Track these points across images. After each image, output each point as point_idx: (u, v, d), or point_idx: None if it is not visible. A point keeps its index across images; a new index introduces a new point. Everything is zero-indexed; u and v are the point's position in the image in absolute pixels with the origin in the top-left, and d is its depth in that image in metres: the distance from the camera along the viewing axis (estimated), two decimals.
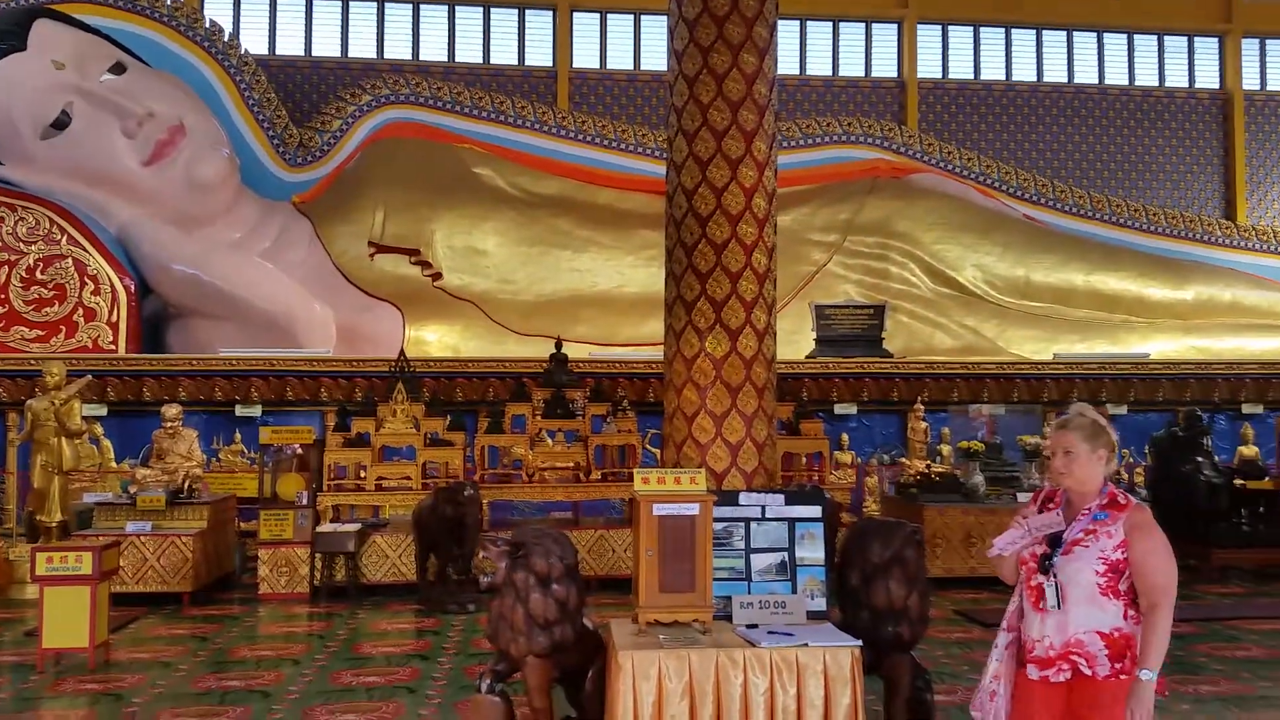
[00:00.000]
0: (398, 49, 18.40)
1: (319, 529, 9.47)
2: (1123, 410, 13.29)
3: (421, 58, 18.42)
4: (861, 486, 12.27)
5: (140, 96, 14.73)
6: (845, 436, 13.08)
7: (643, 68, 18.92)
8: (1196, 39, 20.53)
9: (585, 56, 18.99)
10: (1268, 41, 20.69)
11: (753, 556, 4.55)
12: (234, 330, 14.23)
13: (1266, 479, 11.08)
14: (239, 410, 12.59)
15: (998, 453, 11.27)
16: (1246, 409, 13.35)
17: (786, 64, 19.50)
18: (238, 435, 12.61)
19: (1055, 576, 3.20)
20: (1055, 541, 3.23)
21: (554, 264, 15.87)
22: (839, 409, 13.26)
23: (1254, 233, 18.85)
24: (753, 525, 4.56)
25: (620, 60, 19.13)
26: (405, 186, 16.01)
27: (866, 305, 14.80)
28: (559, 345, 11.48)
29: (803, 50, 19.62)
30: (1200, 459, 10.89)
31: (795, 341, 14.52)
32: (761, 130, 4.74)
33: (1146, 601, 3.16)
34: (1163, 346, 15.20)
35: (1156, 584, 3.16)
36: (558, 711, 4.60)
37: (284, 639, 7.87)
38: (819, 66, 19.71)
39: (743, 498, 4.58)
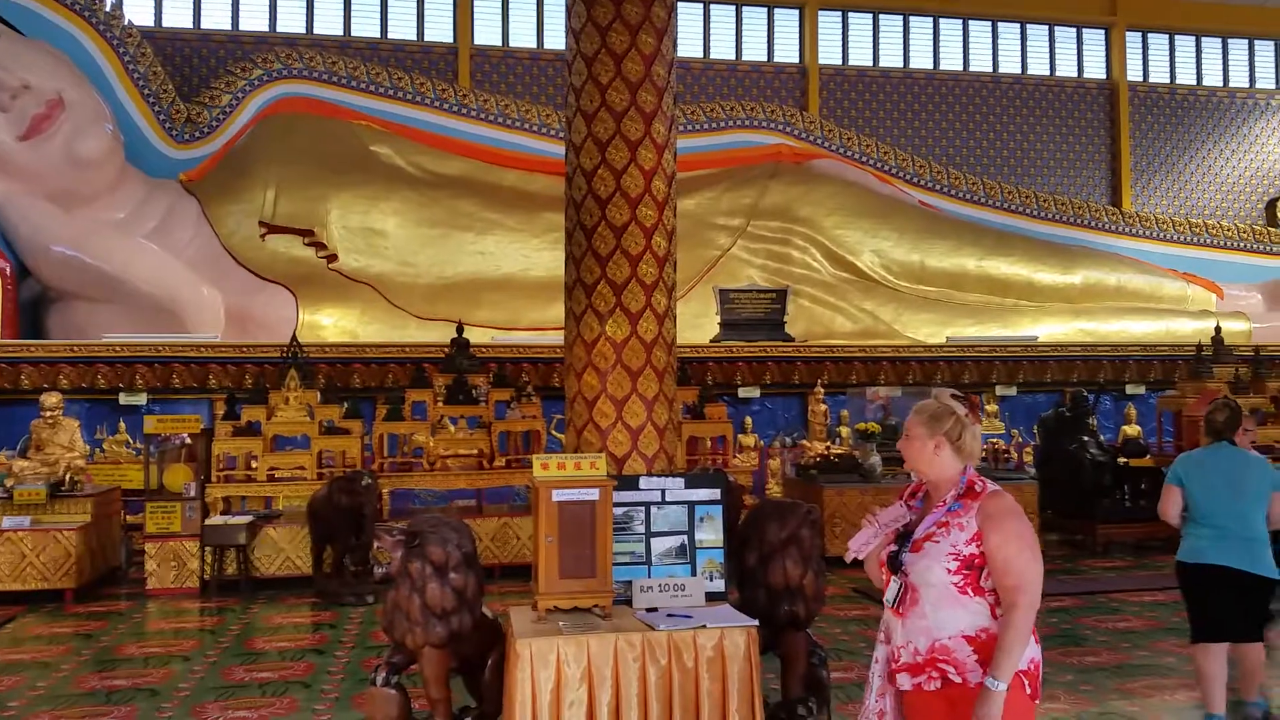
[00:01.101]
0: (291, 22, 17.78)
1: (208, 521, 9.15)
2: (1012, 391, 13.76)
3: (316, 31, 17.85)
4: (764, 469, 12.42)
5: (14, 68, 13.95)
6: (749, 420, 13.23)
7: (546, 46, 18.71)
8: (1084, 30, 21.29)
9: (487, 33, 18.69)
10: (1150, 35, 21.58)
11: (653, 540, 4.53)
12: (117, 314, 13.62)
13: (1148, 456, 11.60)
14: (123, 398, 12.08)
15: (893, 434, 11.52)
16: (1130, 389, 13.96)
17: (690, 47, 19.53)
18: (122, 424, 12.09)
19: (905, 575, 2.92)
20: (906, 537, 2.97)
21: (456, 246, 15.60)
22: (743, 392, 13.40)
23: (1138, 219, 19.69)
24: (653, 509, 4.55)
25: (523, 38, 18.89)
26: (298, 164, 15.52)
27: (769, 290, 14.97)
28: (461, 330, 11.29)
29: (706, 34, 19.68)
30: (1086, 438, 11.33)
31: (700, 325, 14.62)
32: (661, 112, 4.69)
33: (1004, 600, 2.83)
34: (1051, 329, 15.77)
35: (1008, 583, 2.81)
36: (457, 701, 4.52)
37: (173, 635, 7.59)
38: (722, 50, 19.79)
39: (643, 482, 4.56)
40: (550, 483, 4.16)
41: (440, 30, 18.50)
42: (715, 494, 4.64)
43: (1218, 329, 13.09)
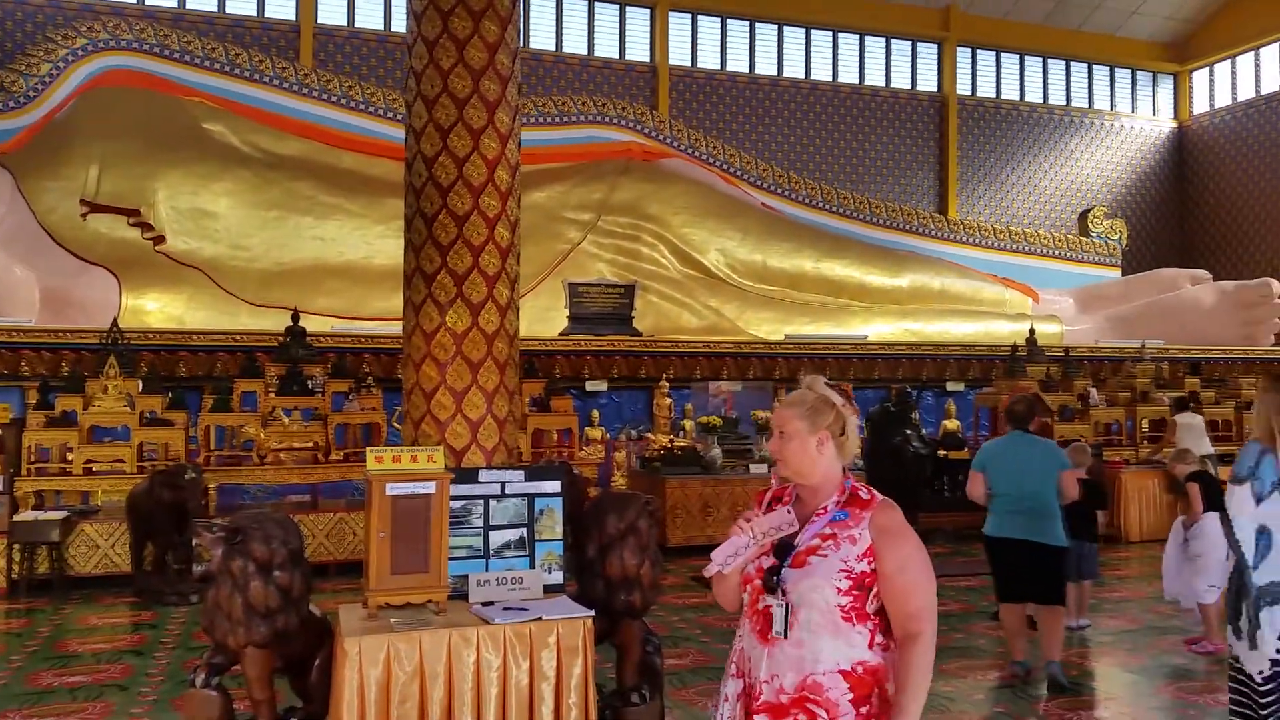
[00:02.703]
0: None
1: (17, 517, 8.52)
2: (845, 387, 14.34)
3: (148, 2, 16.85)
4: (610, 461, 12.51)
5: None
6: (596, 413, 13.30)
7: (394, 29, 18.27)
8: (919, 44, 22.37)
9: (331, 13, 18.09)
10: (979, 52, 22.88)
11: (491, 534, 4.50)
12: None
13: (965, 449, 12.31)
14: None
15: (733, 427, 11.85)
16: (950, 387, 14.77)
17: (542, 39, 19.47)
18: None
19: (785, 595, 2.41)
20: (786, 550, 2.46)
21: (294, 230, 15.03)
22: (590, 386, 13.46)
23: (962, 227, 20.86)
24: (492, 502, 4.52)
25: (370, 19, 18.39)
26: (125, 140, 14.62)
27: (618, 284, 15.09)
28: (296, 317, 10.89)
29: (559, 27, 19.65)
30: (909, 432, 11.91)
31: (549, 319, 14.60)
32: (505, 102, 4.66)
33: (901, 630, 2.38)
34: (881, 329, 16.51)
35: (911, 610, 2.37)
36: (284, 702, 4.37)
37: None
38: (575, 45, 19.82)
39: (482, 475, 4.52)
40: (384, 476, 4.07)
41: (282, 7, 17.79)
42: (556, 486, 4.65)
43: (1032, 331, 14.00)
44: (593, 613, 4.16)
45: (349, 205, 15.67)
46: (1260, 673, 4.12)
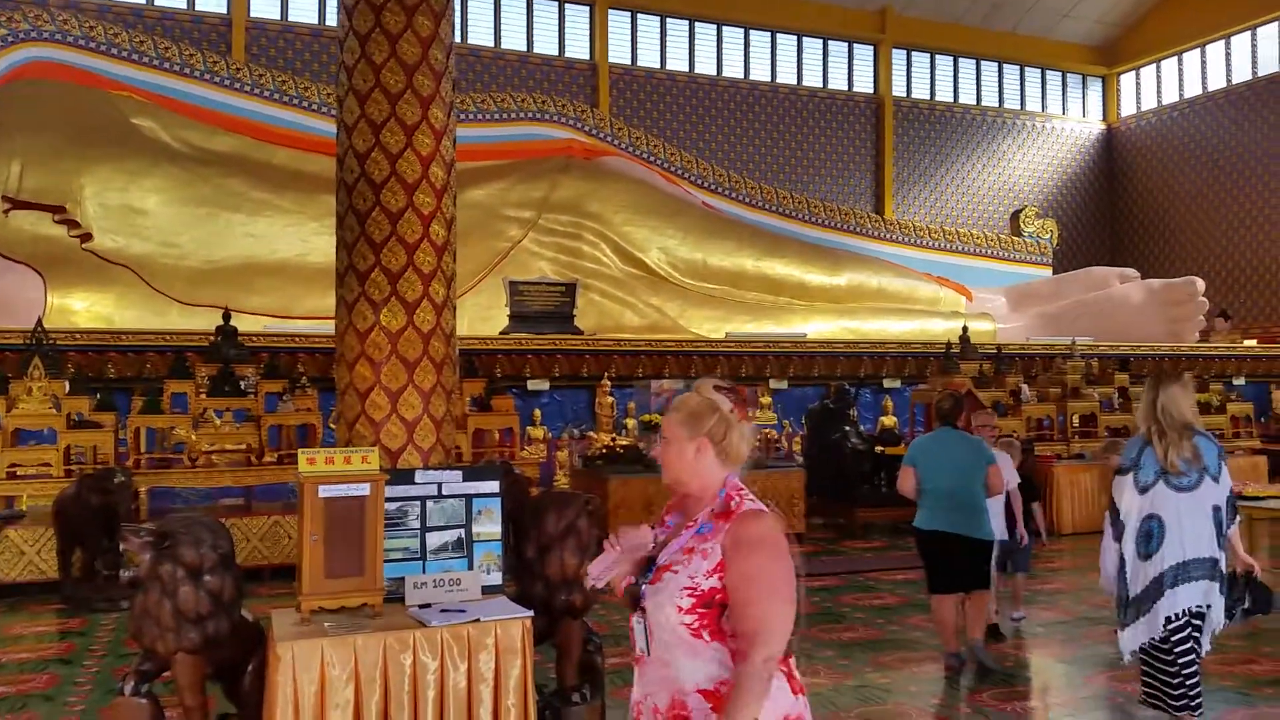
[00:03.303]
0: None
1: None
2: (784, 385, 14.47)
3: None
4: (553, 460, 12.47)
5: None
6: (538, 412, 13.24)
7: (328, 23, 17.99)
8: (855, 46, 22.65)
9: (264, 5, 17.75)
10: (914, 54, 23.25)
11: (428, 535, 4.45)
12: None
13: (901, 444, 12.49)
14: None
15: None
16: (887, 384, 14.97)
17: (481, 35, 19.33)
18: None
19: (644, 614, 2.36)
20: (648, 567, 2.41)
21: (225, 227, 14.70)
22: (532, 385, 13.38)
23: (898, 226, 21.18)
24: (429, 503, 4.47)
25: (303, 13, 18.08)
26: (48, 135, 14.18)
27: (559, 283, 15.03)
28: (227, 316, 10.67)
29: (497, 23, 19.53)
30: (848, 428, 12.09)
31: (490, 317, 14.50)
32: (439, 97, 4.61)
33: (736, 648, 2.27)
34: (820, 327, 16.69)
35: (744, 629, 2.24)
36: (216, 709, 4.28)
37: None
38: (514, 41, 19.71)
39: (418, 476, 4.47)
40: (317, 478, 4.01)
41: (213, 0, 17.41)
42: (494, 487, 4.62)
43: (965, 329, 14.27)
44: (531, 613, 4.14)
45: (282, 202, 15.39)
46: (1152, 639, 4.57)
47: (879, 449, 12.17)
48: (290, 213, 15.28)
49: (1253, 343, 18.62)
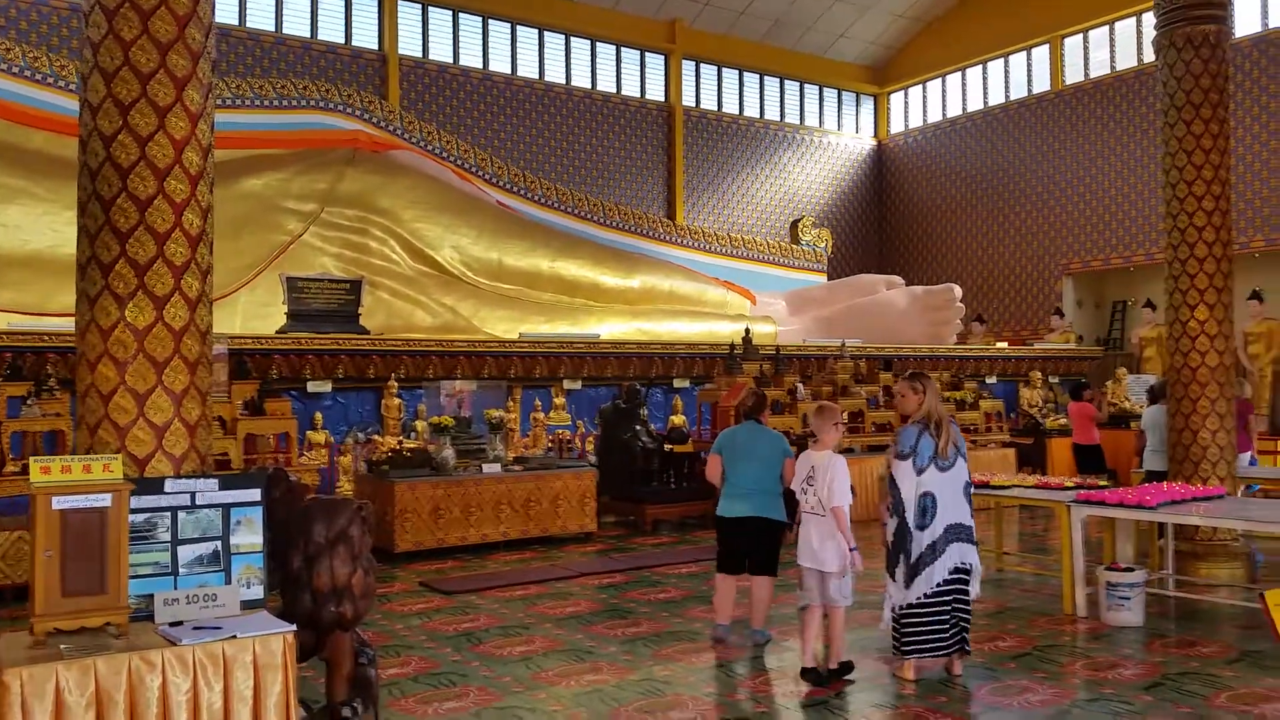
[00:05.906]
0: None
1: None
2: (578, 385, 14.55)
3: None
4: (335, 466, 11.98)
5: None
6: (319, 415, 12.66)
7: None
8: (647, 54, 23.10)
9: None
10: (702, 65, 23.96)
11: (180, 548, 4.17)
12: None
13: (689, 443, 12.83)
14: None
15: (467, 426, 11.70)
16: (677, 384, 15.34)
17: (261, 19, 18.38)
18: None
19: None
20: None
21: None
22: (312, 387, 12.80)
23: (688, 231, 21.76)
24: (181, 514, 4.18)
25: None
26: None
27: (343, 280, 14.43)
28: None
29: (279, 7, 18.61)
30: (639, 427, 12.30)
31: (268, 315, 13.76)
32: (196, 79, 4.30)
33: None
34: (613, 328, 16.87)
35: None
36: None
37: None
38: (297, 27, 18.84)
39: (169, 485, 4.17)
40: (51, 489, 3.68)
41: None
42: (255, 495, 4.38)
43: (747, 331, 14.81)
44: (293, 627, 3.95)
45: (36, 189, 14.03)
46: (914, 600, 5.67)
47: (668, 447, 12.44)
48: (45, 200, 13.93)
49: (1004, 345, 20.35)
